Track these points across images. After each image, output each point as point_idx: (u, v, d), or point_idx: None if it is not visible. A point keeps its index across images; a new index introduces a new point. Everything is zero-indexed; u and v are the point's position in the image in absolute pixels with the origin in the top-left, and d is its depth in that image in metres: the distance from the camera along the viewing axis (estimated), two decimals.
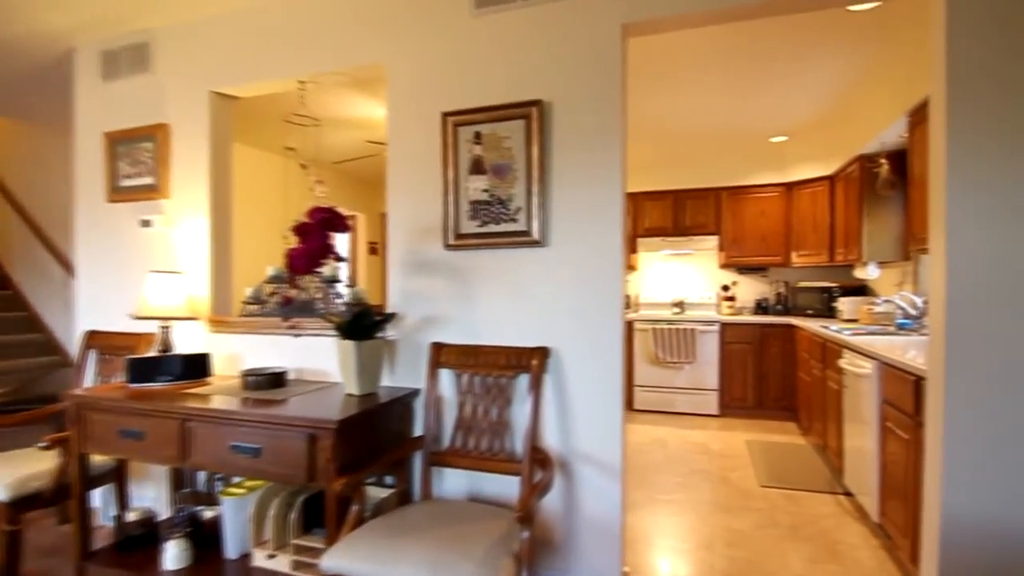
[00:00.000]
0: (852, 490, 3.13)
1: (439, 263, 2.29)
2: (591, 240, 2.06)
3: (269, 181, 4.94)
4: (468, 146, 2.21)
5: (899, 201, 4.04)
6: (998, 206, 1.60)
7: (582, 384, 2.08)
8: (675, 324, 5.17)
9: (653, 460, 3.94)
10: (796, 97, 3.84)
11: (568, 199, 2.09)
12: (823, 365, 3.76)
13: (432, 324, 2.30)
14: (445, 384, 2.26)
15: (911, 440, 2.26)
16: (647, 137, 4.88)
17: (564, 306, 2.10)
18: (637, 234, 5.66)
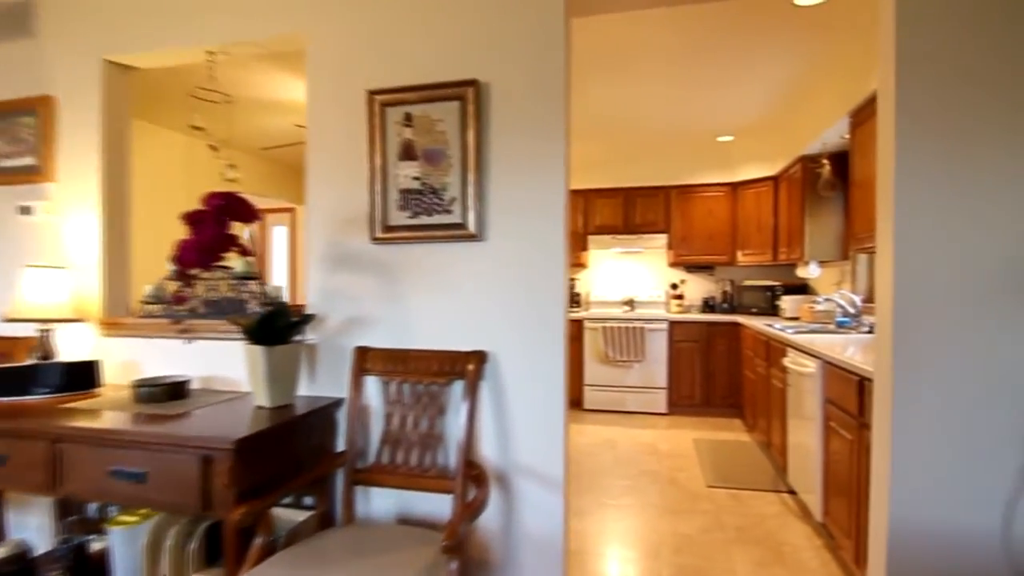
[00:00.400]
0: (796, 488, 3.11)
1: (365, 258, 2.06)
2: (533, 235, 1.89)
3: (177, 165, 4.52)
4: (397, 129, 2.00)
5: (839, 202, 4.09)
6: (947, 203, 1.53)
7: (522, 391, 1.91)
8: (625, 323, 5.10)
9: (602, 463, 3.83)
10: (742, 96, 3.81)
11: (508, 190, 1.91)
12: (767, 363, 3.75)
13: (357, 326, 2.08)
14: (371, 393, 2.04)
15: (854, 440, 2.21)
16: (598, 134, 4.78)
17: (503, 306, 1.92)
18: (588, 231, 5.56)
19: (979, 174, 1.52)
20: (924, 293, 1.54)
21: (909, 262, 1.55)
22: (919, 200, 1.55)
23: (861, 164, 2.99)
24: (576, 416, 5.10)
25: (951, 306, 1.53)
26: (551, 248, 1.87)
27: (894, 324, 1.57)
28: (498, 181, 1.92)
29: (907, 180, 1.56)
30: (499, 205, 1.92)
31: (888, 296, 1.60)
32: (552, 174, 1.87)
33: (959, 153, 1.53)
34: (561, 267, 1.87)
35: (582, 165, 5.60)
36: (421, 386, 1.94)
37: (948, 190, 1.53)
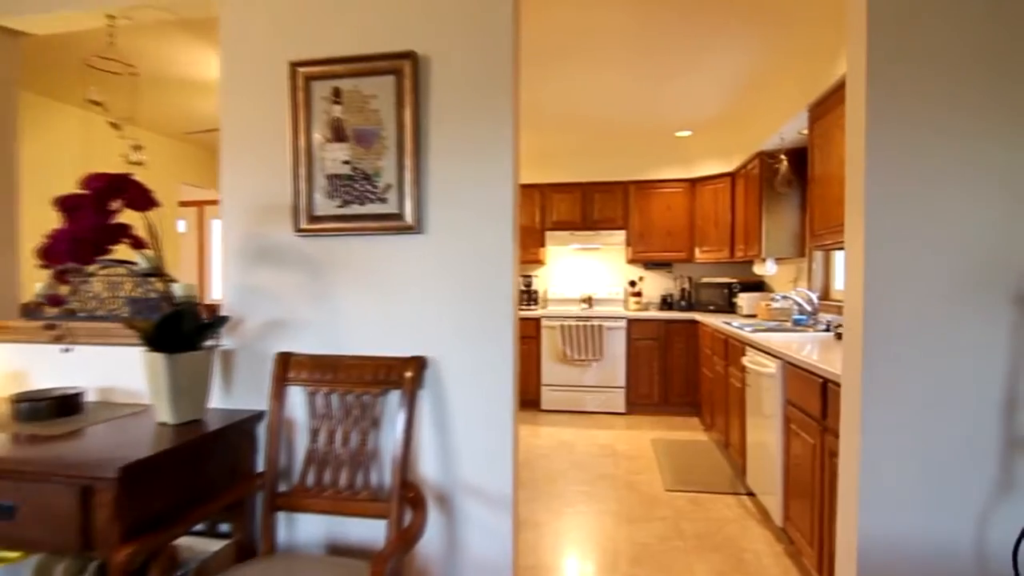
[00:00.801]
0: (755, 490, 3.03)
1: (289, 252, 1.83)
2: (478, 228, 1.70)
3: (75, 145, 4.09)
4: (325, 106, 1.77)
5: (796, 199, 4.07)
6: (920, 195, 1.42)
7: (467, 400, 1.72)
8: (583, 321, 4.97)
9: (559, 467, 3.69)
10: (700, 89, 3.72)
11: (450, 177, 1.71)
12: (726, 362, 3.68)
13: (280, 329, 1.84)
14: (295, 405, 1.80)
15: (817, 444, 2.12)
16: (555, 126, 4.62)
17: (445, 307, 1.72)
18: (545, 227, 5.41)
19: (953, 165, 1.41)
20: (896, 292, 1.43)
21: (880, 259, 1.44)
22: (891, 193, 1.44)
23: (820, 159, 2.93)
24: (533, 417, 4.95)
25: (925, 305, 1.42)
26: (498, 242, 1.68)
27: (864, 324, 1.45)
28: (439, 167, 1.72)
29: (878, 172, 1.45)
30: (440, 194, 1.72)
31: (858, 295, 1.48)
32: (499, 161, 1.68)
33: (935, 141, 1.42)
34: (510, 263, 1.68)
35: (539, 158, 5.44)
36: (352, 397, 1.72)
37: (921, 182, 1.42)
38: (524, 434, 4.43)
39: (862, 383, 1.46)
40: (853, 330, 1.51)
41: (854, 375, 1.50)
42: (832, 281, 3.72)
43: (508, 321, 1.68)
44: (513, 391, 1.71)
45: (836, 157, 2.71)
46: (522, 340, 5.14)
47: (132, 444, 1.52)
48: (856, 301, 1.49)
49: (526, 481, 3.43)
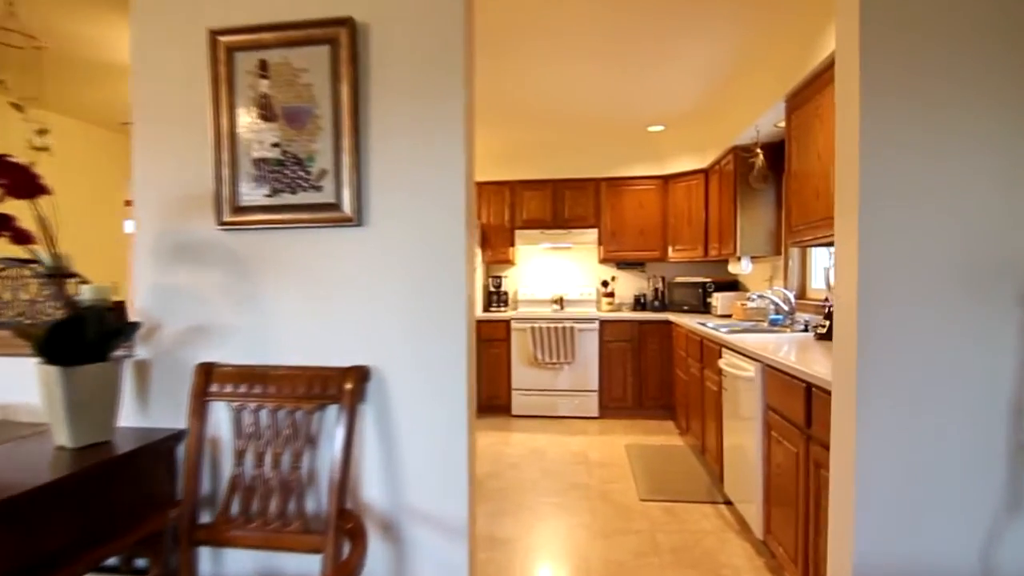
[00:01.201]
0: (733, 498, 2.89)
1: (211, 248, 1.60)
2: (426, 220, 1.50)
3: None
4: (250, 80, 1.55)
5: (772, 195, 3.97)
6: (922, 178, 1.27)
7: (416, 414, 1.51)
8: (554, 322, 4.80)
9: (530, 476, 3.50)
10: (673, 81, 3.59)
11: (393, 161, 1.51)
12: (701, 364, 3.54)
13: (203, 336, 1.61)
14: (220, 423, 1.57)
15: (800, 453, 1.98)
16: (523, 120, 4.45)
17: (390, 309, 1.52)
18: (515, 226, 5.22)
19: (955, 145, 1.27)
20: (894, 287, 1.28)
21: (876, 251, 1.29)
22: (888, 177, 1.29)
23: (798, 151, 2.81)
24: (504, 423, 4.76)
25: (926, 303, 1.27)
26: (450, 235, 1.49)
27: (859, 324, 1.30)
28: (381, 150, 1.51)
29: (874, 154, 1.29)
30: (383, 181, 1.52)
31: (851, 292, 1.33)
32: (450, 143, 1.48)
33: (933, 120, 1.27)
34: (462, 258, 1.48)
35: (508, 154, 5.26)
36: (284, 413, 1.50)
37: (921, 165, 1.27)
38: (494, 441, 4.24)
39: (856, 389, 1.30)
40: (845, 331, 1.36)
41: (847, 380, 1.35)
42: (809, 279, 3.63)
43: (462, 323, 1.48)
44: (468, 402, 1.51)
45: (815, 149, 2.59)
46: (491, 343, 4.95)
47: (19, 472, 1.29)
48: (849, 298, 1.33)
49: (495, 493, 3.24)
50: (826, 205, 2.48)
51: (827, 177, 2.47)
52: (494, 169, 5.24)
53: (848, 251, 1.34)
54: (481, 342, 4.96)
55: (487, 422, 4.78)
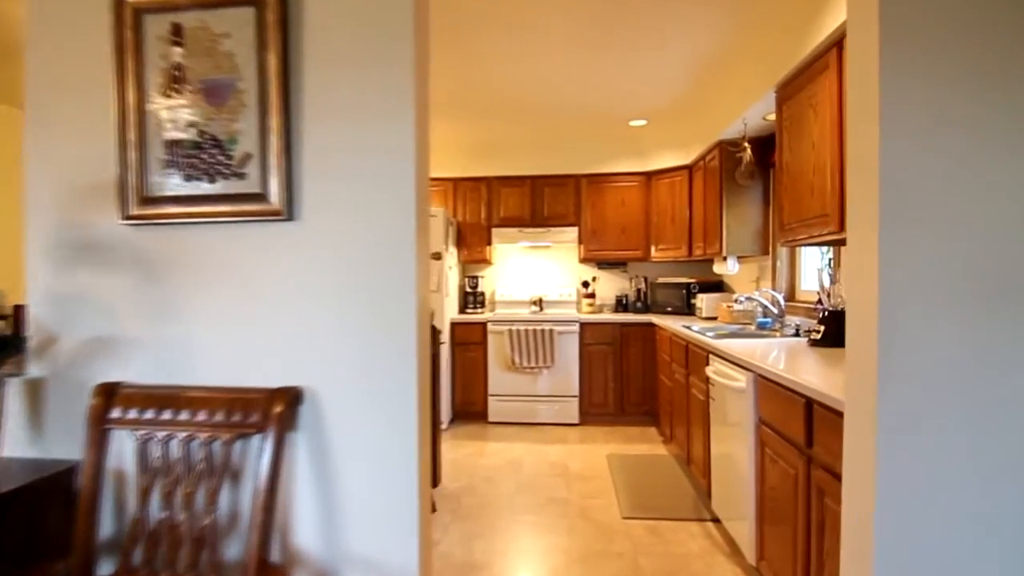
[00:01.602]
0: (721, 515, 2.71)
1: (116, 247, 1.35)
2: (370, 212, 1.27)
3: None
4: (161, 48, 1.30)
5: (759, 192, 3.81)
6: (955, 162, 1.08)
7: (358, 444, 1.28)
8: (533, 325, 4.59)
9: (505, 491, 3.28)
10: (656, 71, 3.39)
11: (332, 145, 1.28)
12: (686, 371, 3.36)
13: (107, 352, 1.35)
14: (123, 454, 1.32)
15: (799, 475, 1.79)
16: (500, 114, 4.22)
17: (327, 319, 1.28)
18: (492, 224, 5.00)
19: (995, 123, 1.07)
20: (923, 293, 1.08)
21: (901, 250, 1.09)
22: (913, 162, 1.09)
23: (790, 144, 2.63)
24: (480, 431, 4.53)
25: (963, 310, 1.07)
26: (397, 231, 1.26)
27: (880, 335, 1.10)
28: (316, 131, 1.28)
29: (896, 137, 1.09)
30: (318, 168, 1.28)
31: (870, 297, 1.13)
32: (397, 121, 1.25)
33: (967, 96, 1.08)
34: (412, 259, 1.26)
35: (484, 149, 5.03)
36: (198, 443, 1.26)
37: (953, 148, 1.08)
38: (469, 452, 4.01)
39: (877, 411, 1.11)
40: (862, 342, 1.16)
41: (864, 400, 1.15)
42: (798, 280, 3.47)
43: (411, 335, 1.26)
44: (418, 427, 1.28)
45: (809, 140, 2.41)
46: (467, 346, 4.72)
47: None
48: (866, 305, 1.13)
49: (469, 511, 3.01)
50: (821, 201, 2.31)
51: (822, 171, 2.29)
52: (470, 165, 5.01)
53: (864, 252, 1.15)
54: (456, 345, 4.73)
55: (462, 430, 4.55)
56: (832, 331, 2.49)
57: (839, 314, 2.49)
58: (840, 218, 2.18)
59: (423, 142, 1.31)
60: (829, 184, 2.23)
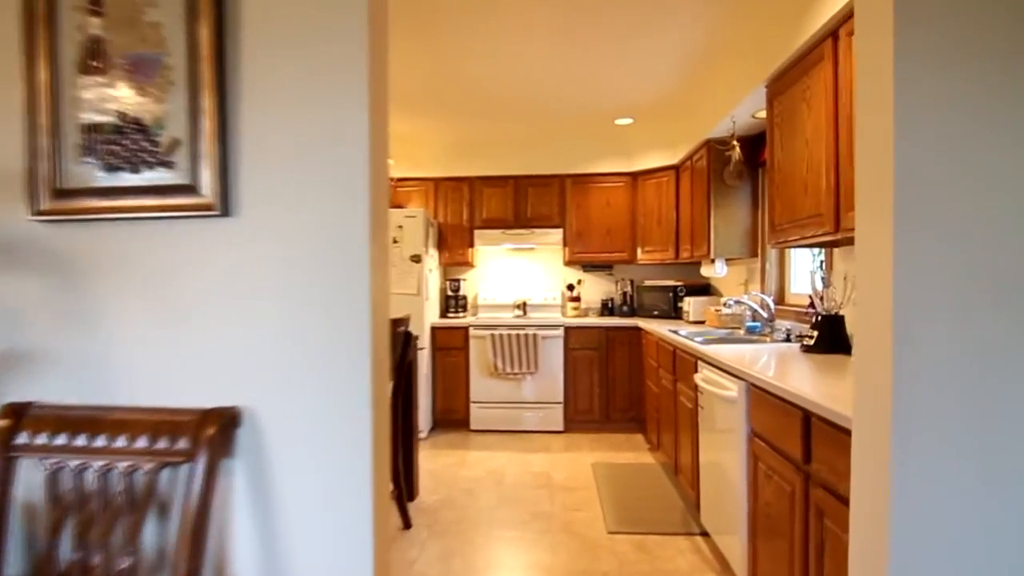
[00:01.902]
0: (710, 529, 2.58)
1: (24, 246, 1.17)
2: (316, 208, 1.11)
3: None
4: (78, 19, 1.13)
5: (747, 192, 3.70)
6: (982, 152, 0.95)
7: (305, 473, 1.12)
8: (516, 329, 4.44)
9: (486, 505, 3.12)
10: (641, 68, 3.27)
11: (273, 130, 1.12)
12: (674, 377, 3.23)
13: (14, 367, 1.18)
14: (31, 485, 1.15)
15: (795, 493, 1.66)
16: (482, 111, 4.08)
17: (268, 329, 1.12)
18: (474, 225, 4.84)
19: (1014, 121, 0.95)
20: (946, 296, 0.95)
21: (918, 249, 0.96)
22: (932, 152, 0.96)
23: (782, 141, 2.52)
24: (462, 440, 4.37)
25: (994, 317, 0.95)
26: (348, 229, 1.10)
27: (895, 343, 0.97)
28: (255, 115, 1.12)
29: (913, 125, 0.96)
30: (258, 156, 1.12)
31: (883, 301, 1.00)
32: (348, 104, 1.10)
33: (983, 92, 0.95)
34: (364, 261, 1.10)
35: (466, 148, 4.88)
36: (118, 473, 1.09)
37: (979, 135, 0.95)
38: (449, 462, 3.84)
39: (892, 431, 0.97)
40: (873, 351, 1.03)
41: (876, 418, 1.02)
42: (788, 283, 3.36)
43: (364, 346, 1.10)
44: (373, 447, 1.12)
45: (802, 137, 2.30)
46: (448, 352, 4.56)
47: None
48: (878, 310, 1.00)
49: (447, 526, 2.85)
50: (815, 201, 2.19)
51: (817, 169, 2.18)
52: (451, 164, 4.86)
53: (876, 251, 1.01)
54: (437, 350, 4.56)
55: (443, 439, 4.38)
56: (826, 336, 2.37)
57: (833, 319, 2.38)
58: (835, 218, 2.06)
59: (380, 130, 1.16)
60: (824, 182, 2.12)
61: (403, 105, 3.97)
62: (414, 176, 4.84)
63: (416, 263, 4.27)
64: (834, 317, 2.38)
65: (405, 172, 4.80)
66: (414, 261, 4.27)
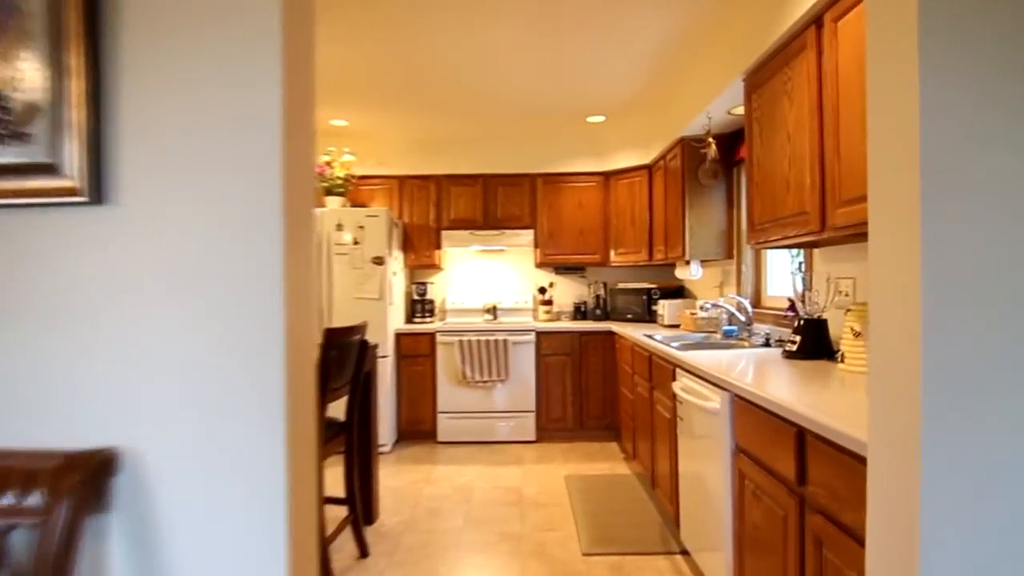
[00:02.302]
0: (690, 547, 2.42)
1: None
2: (218, 200, 0.89)
3: None
4: None
5: (722, 192, 3.58)
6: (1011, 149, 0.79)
7: (204, 530, 0.89)
8: (485, 334, 4.23)
9: (451, 526, 2.90)
10: (614, 61, 3.11)
11: (161, 97, 0.89)
12: (650, 384, 3.07)
13: None
14: None
15: (789, 519, 1.49)
16: (450, 106, 3.86)
17: (155, 351, 0.89)
18: (441, 226, 4.62)
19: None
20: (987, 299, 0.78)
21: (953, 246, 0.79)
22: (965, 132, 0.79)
23: (762, 136, 2.38)
24: (429, 453, 4.13)
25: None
26: (257, 226, 0.88)
27: (924, 356, 0.80)
28: (137, 78, 0.89)
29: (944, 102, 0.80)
30: (143, 130, 0.89)
31: (910, 305, 0.83)
32: (256, 67, 0.88)
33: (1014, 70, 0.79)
34: (278, 269, 0.88)
35: (432, 145, 4.66)
36: None
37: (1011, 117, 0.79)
38: (414, 479, 3.60)
39: (920, 458, 0.80)
40: (894, 363, 0.86)
41: (900, 441, 0.85)
42: (764, 285, 3.24)
43: (277, 369, 0.88)
44: (287, 495, 0.90)
45: (784, 131, 2.16)
46: (414, 359, 4.32)
47: None
48: (901, 313, 0.83)
49: (409, 553, 2.62)
50: (799, 198, 2.05)
51: (800, 164, 2.04)
52: (417, 162, 4.63)
53: (901, 247, 0.85)
54: (402, 358, 4.32)
55: (408, 452, 4.14)
56: (809, 342, 2.24)
57: (816, 323, 2.25)
58: (821, 216, 1.92)
59: (299, 110, 0.94)
60: (808, 178, 1.98)
61: (364, 98, 3.73)
62: (377, 174, 4.59)
63: (379, 265, 4.02)
64: (818, 321, 2.25)
65: (368, 170, 4.55)
66: (376, 263, 4.02)
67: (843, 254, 2.30)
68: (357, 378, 2.52)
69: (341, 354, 2.27)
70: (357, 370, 2.51)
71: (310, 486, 0.96)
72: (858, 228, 1.72)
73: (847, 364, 1.91)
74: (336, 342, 2.19)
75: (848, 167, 1.75)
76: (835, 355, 2.16)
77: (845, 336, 1.94)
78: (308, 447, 0.95)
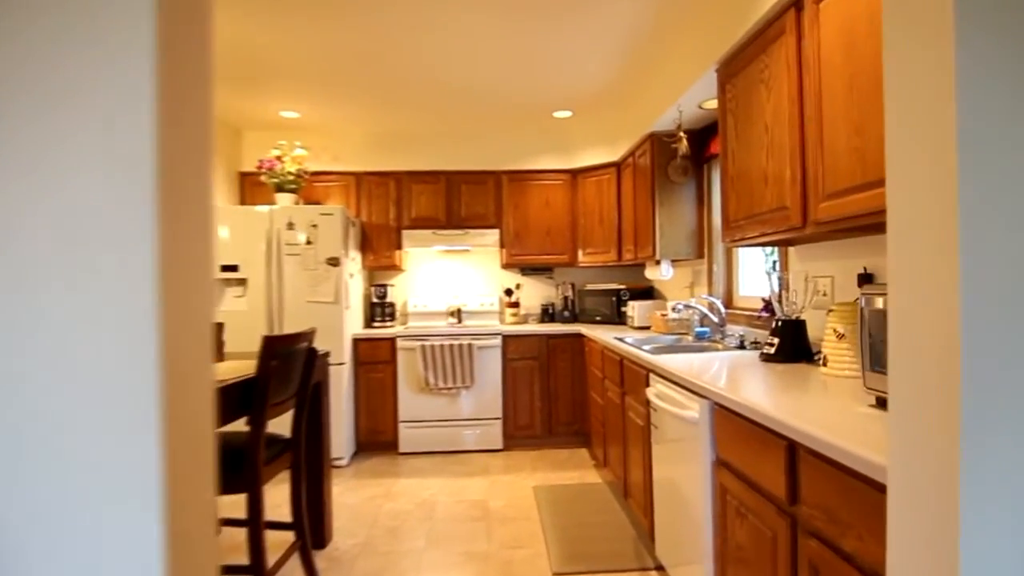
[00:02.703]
0: (665, 561, 2.28)
1: None
2: (65, 177, 0.67)
3: None
4: None
5: (692, 189, 3.48)
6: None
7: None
8: (449, 339, 4.03)
9: (412, 547, 2.69)
10: (580, 52, 2.97)
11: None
12: (622, 390, 2.94)
13: None
14: None
15: (778, 539, 1.36)
16: (410, 99, 3.66)
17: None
18: (402, 225, 4.40)
19: None
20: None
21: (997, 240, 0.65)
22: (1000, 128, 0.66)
23: (737, 128, 2.27)
24: (390, 466, 3.90)
25: None
26: (116, 217, 0.68)
27: (964, 368, 0.66)
28: None
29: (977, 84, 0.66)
30: None
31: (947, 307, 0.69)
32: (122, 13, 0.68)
33: None
34: (148, 270, 0.68)
35: (392, 140, 4.44)
36: None
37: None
38: (373, 495, 3.38)
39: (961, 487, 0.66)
40: (927, 371, 0.72)
41: (932, 470, 0.71)
42: (736, 285, 3.15)
43: (149, 406, 0.67)
44: (165, 561, 0.70)
45: (761, 122, 2.05)
46: (373, 366, 4.08)
47: None
48: (933, 313, 0.69)
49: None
50: (778, 192, 1.94)
51: (779, 156, 1.92)
52: (375, 157, 4.40)
53: (931, 241, 0.70)
54: (360, 365, 4.08)
55: (367, 465, 3.90)
56: (788, 344, 2.13)
57: (795, 324, 2.14)
58: (802, 210, 1.81)
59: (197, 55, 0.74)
60: (789, 171, 1.87)
61: (317, 88, 3.49)
62: (333, 170, 4.34)
63: (334, 267, 3.78)
64: (796, 323, 2.14)
65: (322, 165, 4.30)
66: (331, 264, 3.77)
67: (820, 252, 2.21)
68: (304, 390, 2.29)
69: (285, 364, 2.04)
70: (304, 381, 2.28)
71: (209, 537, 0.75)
72: (842, 223, 1.61)
73: (830, 368, 1.80)
74: (278, 351, 1.96)
75: (832, 159, 1.63)
76: (815, 357, 2.06)
77: (827, 338, 1.83)
78: (203, 497, 0.74)
